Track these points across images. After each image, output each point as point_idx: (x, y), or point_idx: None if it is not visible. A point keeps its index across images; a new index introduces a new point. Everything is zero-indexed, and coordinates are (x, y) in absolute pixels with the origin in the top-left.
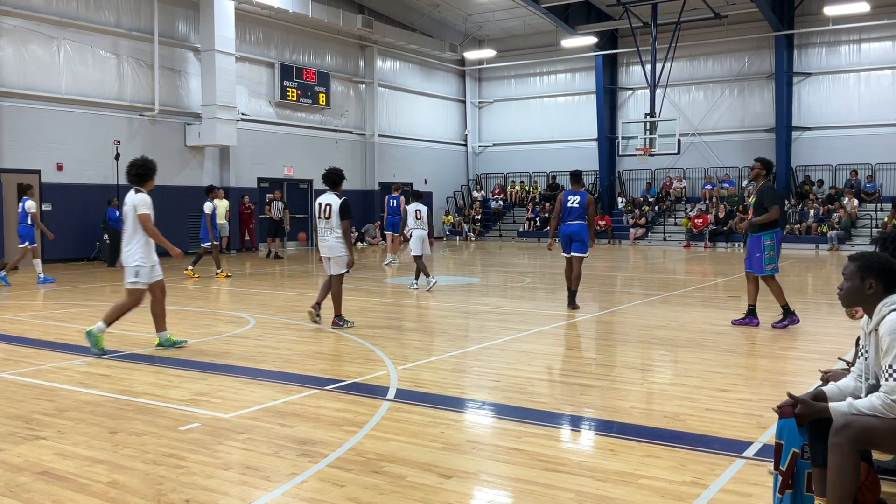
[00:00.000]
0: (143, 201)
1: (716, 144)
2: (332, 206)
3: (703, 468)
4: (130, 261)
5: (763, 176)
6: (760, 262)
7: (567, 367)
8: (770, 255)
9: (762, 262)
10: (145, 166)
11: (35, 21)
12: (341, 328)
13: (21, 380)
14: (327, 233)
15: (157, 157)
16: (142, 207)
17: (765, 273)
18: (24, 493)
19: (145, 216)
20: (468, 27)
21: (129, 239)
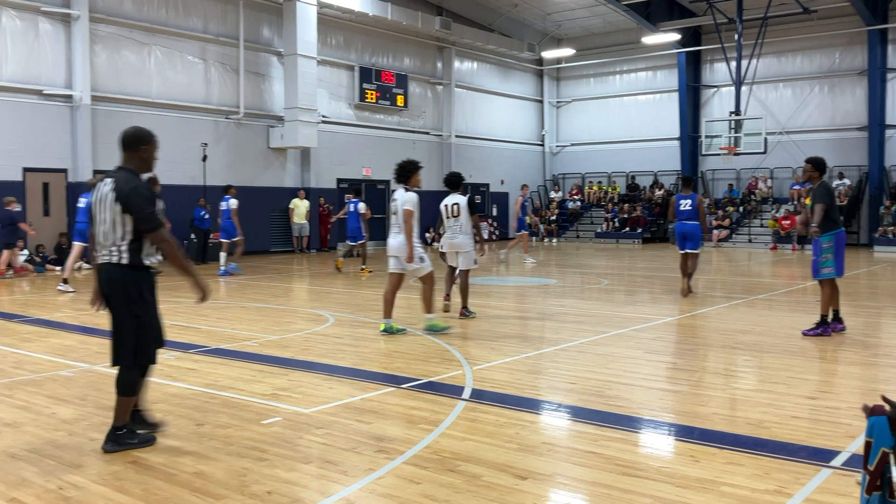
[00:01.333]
0: (411, 199)
1: (805, 143)
2: (460, 204)
3: (788, 477)
4: (404, 251)
5: (817, 177)
6: (817, 265)
7: (646, 371)
8: (827, 259)
9: (818, 266)
10: (411, 165)
11: (127, 28)
12: (467, 318)
13: (113, 373)
14: (457, 230)
15: (242, 158)
16: (408, 204)
17: (821, 276)
18: (116, 482)
19: (409, 213)
20: (547, 26)
21: (400, 231)
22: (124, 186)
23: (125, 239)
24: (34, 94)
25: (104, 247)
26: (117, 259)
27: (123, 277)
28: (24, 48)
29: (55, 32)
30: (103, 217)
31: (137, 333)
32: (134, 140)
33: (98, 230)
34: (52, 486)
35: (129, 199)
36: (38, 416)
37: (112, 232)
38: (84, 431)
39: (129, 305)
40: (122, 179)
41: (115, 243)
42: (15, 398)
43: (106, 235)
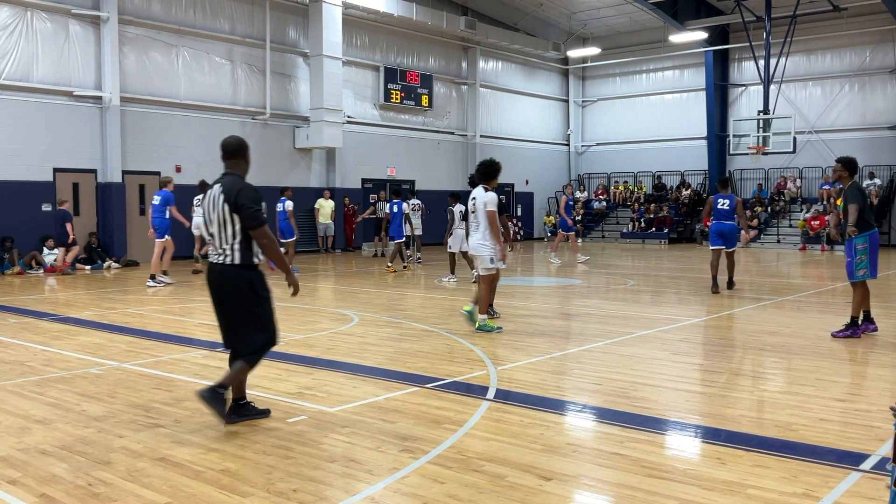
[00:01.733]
0: (492, 199)
1: (834, 143)
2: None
3: (817, 480)
4: (484, 250)
5: (847, 177)
6: (851, 267)
7: (672, 373)
8: (861, 260)
9: (853, 268)
10: (492, 167)
11: (156, 30)
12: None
13: (142, 370)
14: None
15: (268, 159)
16: (490, 205)
17: (856, 279)
18: (144, 478)
19: (492, 213)
20: (572, 25)
21: (484, 231)
22: (233, 188)
23: (235, 239)
24: (65, 95)
25: (216, 247)
26: (230, 259)
27: (235, 275)
28: (55, 50)
29: (85, 34)
30: (214, 219)
31: (257, 324)
32: (238, 148)
33: (210, 232)
34: (82, 482)
35: (238, 199)
36: (68, 412)
37: (223, 232)
38: (113, 428)
39: (242, 302)
40: (229, 183)
41: (226, 243)
42: (46, 395)
43: (217, 236)
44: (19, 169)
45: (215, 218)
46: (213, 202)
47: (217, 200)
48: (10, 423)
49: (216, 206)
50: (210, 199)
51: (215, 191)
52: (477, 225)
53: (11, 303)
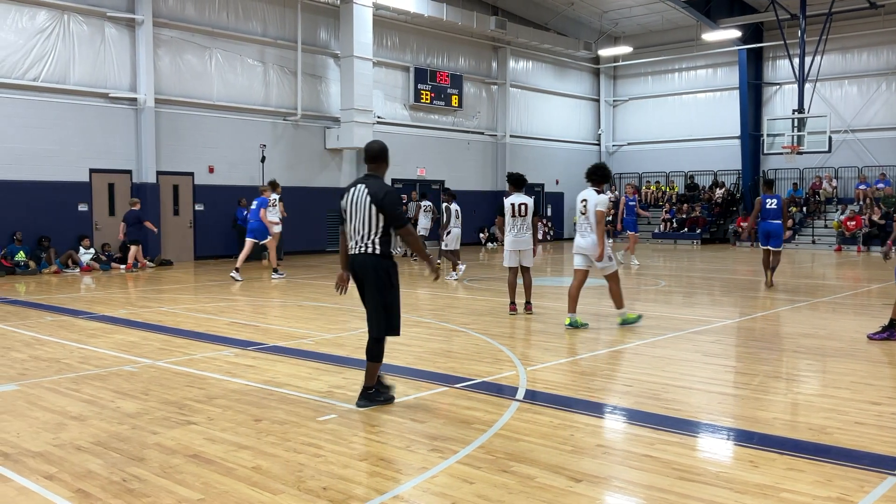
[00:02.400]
0: (603, 201)
1: (871, 142)
2: (528, 204)
3: (852, 484)
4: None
5: None
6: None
7: (704, 375)
8: None
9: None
10: (603, 171)
11: (189, 32)
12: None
13: (175, 368)
14: (524, 229)
15: (299, 159)
16: (600, 206)
17: None
18: (177, 475)
19: (601, 214)
20: (603, 24)
21: (590, 231)
22: (379, 191)
23: (377, 233)
24: (100, 97)
25: (358, 240)
26: (371, 250)
27: (376, 265)
28: (91, 53)
29: (120, 37)
30: (357, 215)
31: (388, 311)
32: (379, 153)
33: (351, 227)
34: (116, 478)
35: (384, 202)
36: (103, 409)
37: (365, 227)
38: (147, 425)
39: (381, 288)
40: (375, 185)
41: (368, 237)
42: (81, 392)
43: (359, 231)
44: (56, 170)
45: (358, 214)
46: (357, 200)
47: (363, 199)
48: (47, 419)
49: (361, 203)
50: (354, 197)
51: (360, 190)
52: (590, 226)
53: (48, 301)
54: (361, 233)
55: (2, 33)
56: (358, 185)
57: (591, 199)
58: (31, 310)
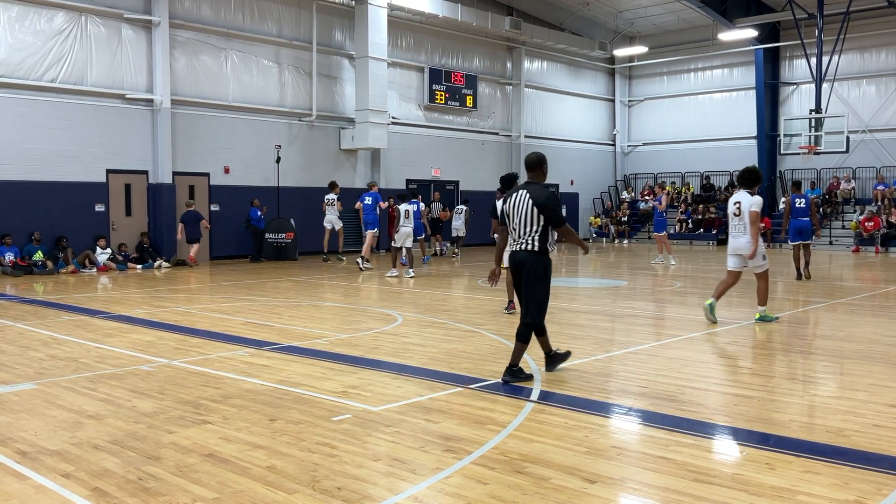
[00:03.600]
0: (757, 202)
1: (889, 142)
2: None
3: (869, 487)
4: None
5: None
6: None
7: (720, 376)
8: None
9: None
10: (754, 173)
11: (205, 33)
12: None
13: (190, 368)
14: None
15: (313, 160)
16: (754, 206)
17: None
18: (192, 474)
19: (755, 214)
20: (619, 24)
21: (744, 232)
22: (540, 195)
23: (536, 232)
24: (117, 98)
25: (517, 238)
26: (530, 247)
27: (535, 260)
28: (108, 54)
29: (137, 38)
30: (519, 216)
31: (541, 300)
32: (538, 163)
33: (511, 227)
34: (132, 476)
35: (546, 204)
36: (120, 408)
37: (526, 227)
38: (163, 424)
39: (538, 280)
40: (536, 190)
41: (528, 235)
42: (98, 391)
43: (521, 230)
44: (73, 170)
45: (520, 215)
46: (519, 203)
47: (524, 202)
48: (64, 417)
49: (523, 206)
50: (516, 202)
51: (522, 194)
52: (744, 227)
53: (66, 301)
54: (522, 232)
55: (20, 35)
56: (520, 191)
57: (745, 201)
58: (48, 309)
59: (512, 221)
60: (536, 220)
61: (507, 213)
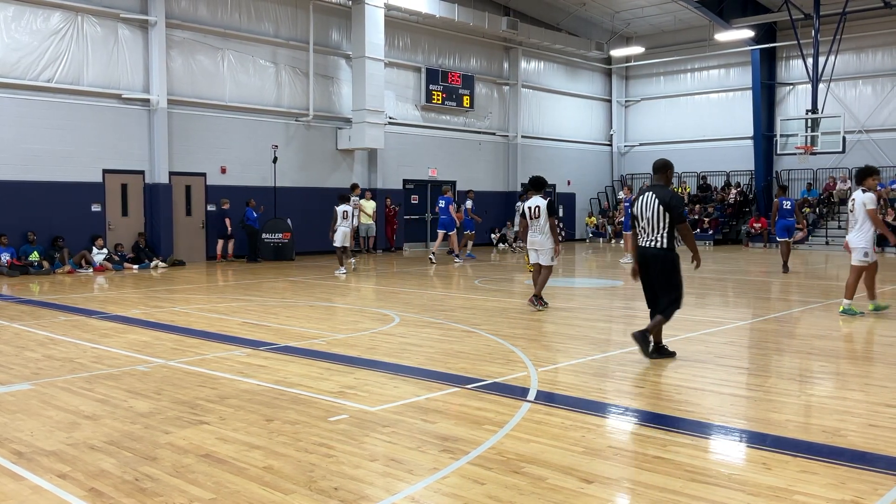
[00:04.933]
0: (871, 199)
1: (885, 142)
2: (541, 206)
3: (865, 487)
4: (860, 244)
5: None
6: None
7: (717, 376)
8: None
9: None
10: (869, 171)
11: (202, 33)
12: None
13: (187, 368)
14: (536, 230)
15: (310, 160)
16: (870, 204)
17: None
18: (189, 474)
19: (872, 211)
20: (615, 25)
21: (860, 227)
22: (667, 196)
23: (664, 230)
24: (114, 98)
25: (647, 236)
26: (659, 244)
27: (664, 256)
28: (105, 54)
29: (133, 38)
30: (648, 216)
31: (676, 291)
32: (663, 167)
33: (640, 227)
34: (129, 477)
35: (672, 204)
36: (116, 409)
37: (655, 225)
38: (159, 425)
39: (670, 273)
40: (663, 192)
41: (656, 233)
42: (95, 392)
43: (648, 228)
44: (70, 170)
45: (649, 215)
46: (647, 204)
47: (652, 203)
48: (61, 418)
49: (651, 206)
50: (644, 203)
51: (649, 197)
52: (855, 222)
53: (62, 301)
54: (651, 231)
55: (16, 35)
56: (647, 193)
57: (859, 199)
58: (44, 309)
59: (641, 222)
60: (664, 219)
61: (635, 215)
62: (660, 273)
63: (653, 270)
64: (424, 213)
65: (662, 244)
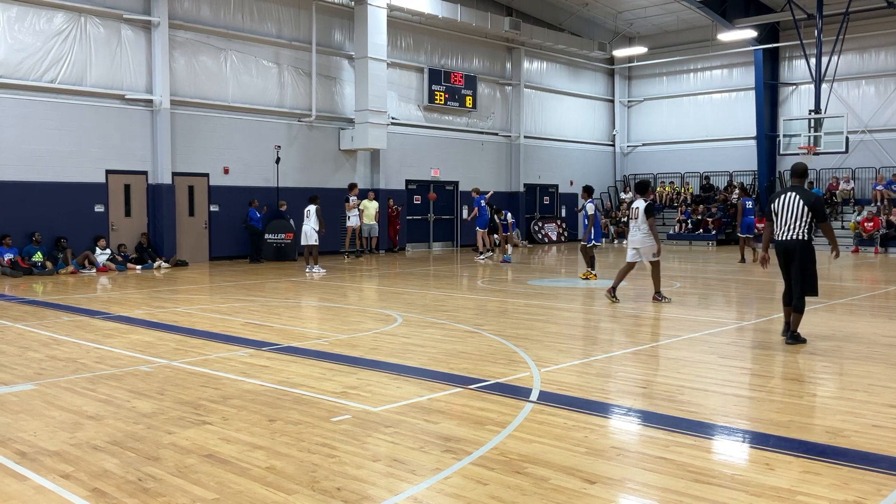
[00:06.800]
0: None
1: (889, 142)
2: (640, 208)
3: (868, 488)
4: None
5: None
6: None
7: (719, 376)
8: None
9: None
10: None
11: (205, 34)
12: (660, 302)
13: (190, 368)
14: (636, 230)
15: (313, 160)
16: None
17: None
18: (192, 474)
19: None
20: (618, 25)
21: None
22: (810, 197)
23: (805, 226)
24: (117, 98)
25: (786, 230)
26: (800, 237)
27: (804, 248)
28: (108, 55)
29: (136, 39)
30: (790, 212)
31: (813, 277)
32: (804, 172)
33: (780, 221)
34: (132, 477)
35: (815, 204)
36: (119, 409)
37: (796, 221)
38: (162, 425)
39: (807, 263)
40: (805, 193)
41: (797, 228)
42: (98, 392)
43: (789, 223)
44: (73, 171)
45: (790, 212)
46: (788, 202)
47: (795, 201)
48: (64, 418)
49: (793, 204)
50: (785, 201)
51: (792, 195)
52: None
53: (65, 301)
54: (792, 225)
55: (20, 35)
56: (789, 193)
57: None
58: (48, 310)
59: (781, 217)
60: (805, 216)
61: (774, 211)
62: (799, 260)
63: (792, 259)
64: (427, 214)
65: (802, 237)
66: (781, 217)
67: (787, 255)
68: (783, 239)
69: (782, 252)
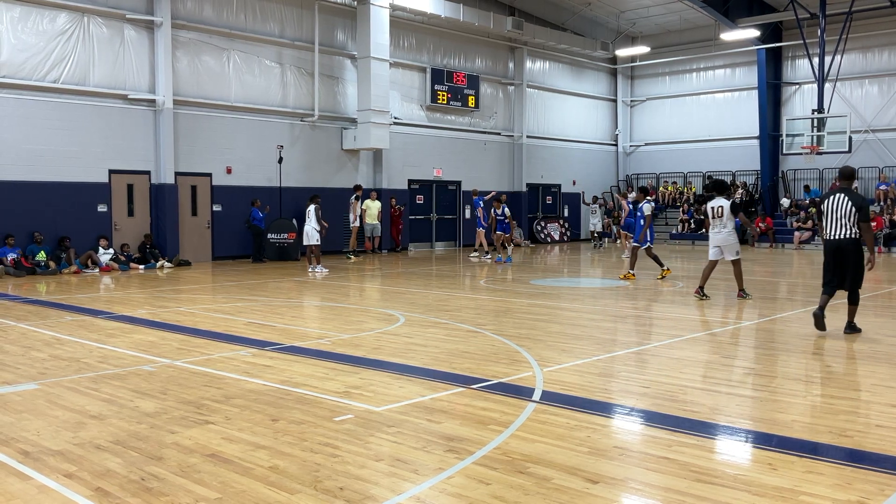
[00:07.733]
0: None
1: (892, 142)
2: (724, 207)
3: (872, 488)
4: None
5: None
6: None
7: (722, 376)
8: None
9: None
10: None
11: (207, 34)
12: (744, 299)
13: (193, 368)
14: (721, 228)
15: (316, 160)
16: None
17: None
18: (195, 474)
19: None
20: (621, 24)
21: None
22: (857, 199)
23: (854, 226)
24: (120, 98)
25: (837, 230)
26: (850, 235)
27: (855, 246)
28: (111, 55)
29: (139, 39)
30: (840, 213)
31: (862, 274)
32: (852, 175)
33: (829, 221)
34: (135, 476)
35: (862, 206)
36: (122, 408)
37: (845, 220)
38: (165, 424)
39: (859, 259)
40: (854, 196)
41: (847, 227)
42: (101, 391)
43: (840, 222)
44: (76, 170)
45: (841, 213)
46: (838, 203)
47: (844, 203)
48: (67, 418)
49: (842, 206)
50: (834, 203)
51: (841, 198)
52: None
53: (68, 301)
54: (843, 224)
55: (23, 35)
56: (838, 195)
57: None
58: (51, 309)
59: (829, 217)
60: (854, 216)
61: (824, 212)
62: (854, 256)
63: (846, 256)
64: (430, 213)
65: (853, 235)
66: (831, 217)
67: (840, 253)
68: (834, 238)
69: (834, 250)
